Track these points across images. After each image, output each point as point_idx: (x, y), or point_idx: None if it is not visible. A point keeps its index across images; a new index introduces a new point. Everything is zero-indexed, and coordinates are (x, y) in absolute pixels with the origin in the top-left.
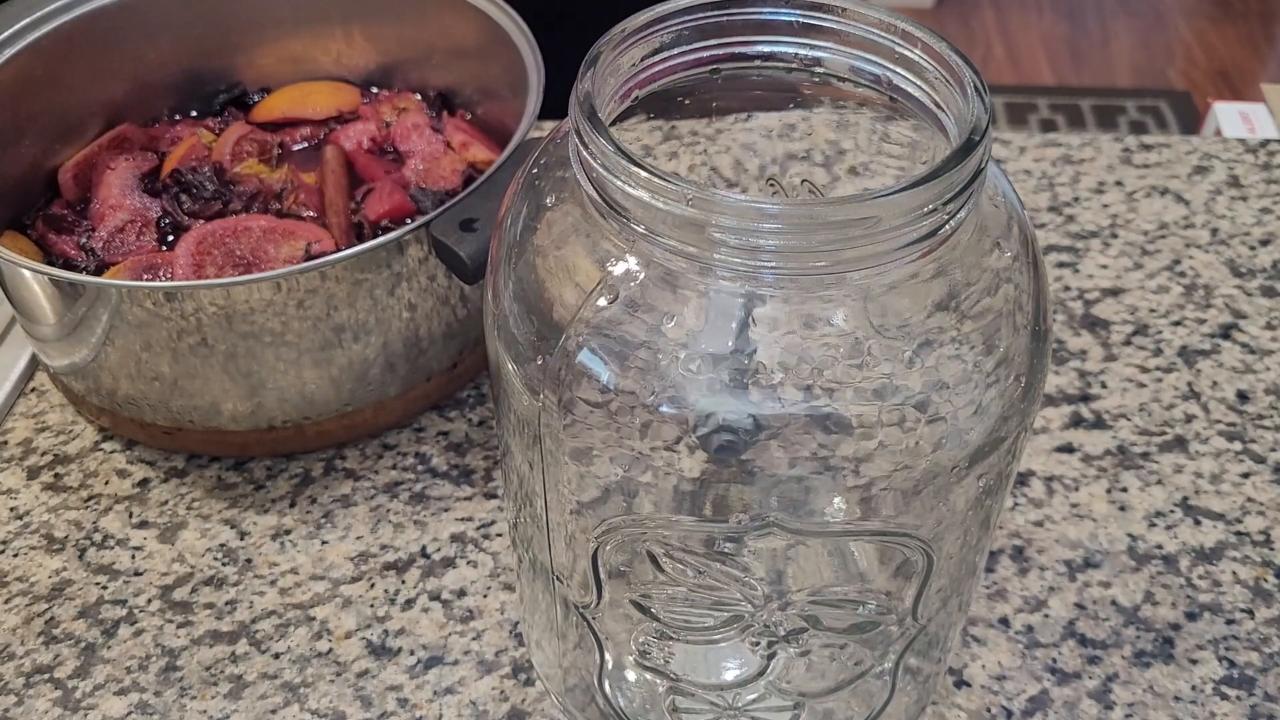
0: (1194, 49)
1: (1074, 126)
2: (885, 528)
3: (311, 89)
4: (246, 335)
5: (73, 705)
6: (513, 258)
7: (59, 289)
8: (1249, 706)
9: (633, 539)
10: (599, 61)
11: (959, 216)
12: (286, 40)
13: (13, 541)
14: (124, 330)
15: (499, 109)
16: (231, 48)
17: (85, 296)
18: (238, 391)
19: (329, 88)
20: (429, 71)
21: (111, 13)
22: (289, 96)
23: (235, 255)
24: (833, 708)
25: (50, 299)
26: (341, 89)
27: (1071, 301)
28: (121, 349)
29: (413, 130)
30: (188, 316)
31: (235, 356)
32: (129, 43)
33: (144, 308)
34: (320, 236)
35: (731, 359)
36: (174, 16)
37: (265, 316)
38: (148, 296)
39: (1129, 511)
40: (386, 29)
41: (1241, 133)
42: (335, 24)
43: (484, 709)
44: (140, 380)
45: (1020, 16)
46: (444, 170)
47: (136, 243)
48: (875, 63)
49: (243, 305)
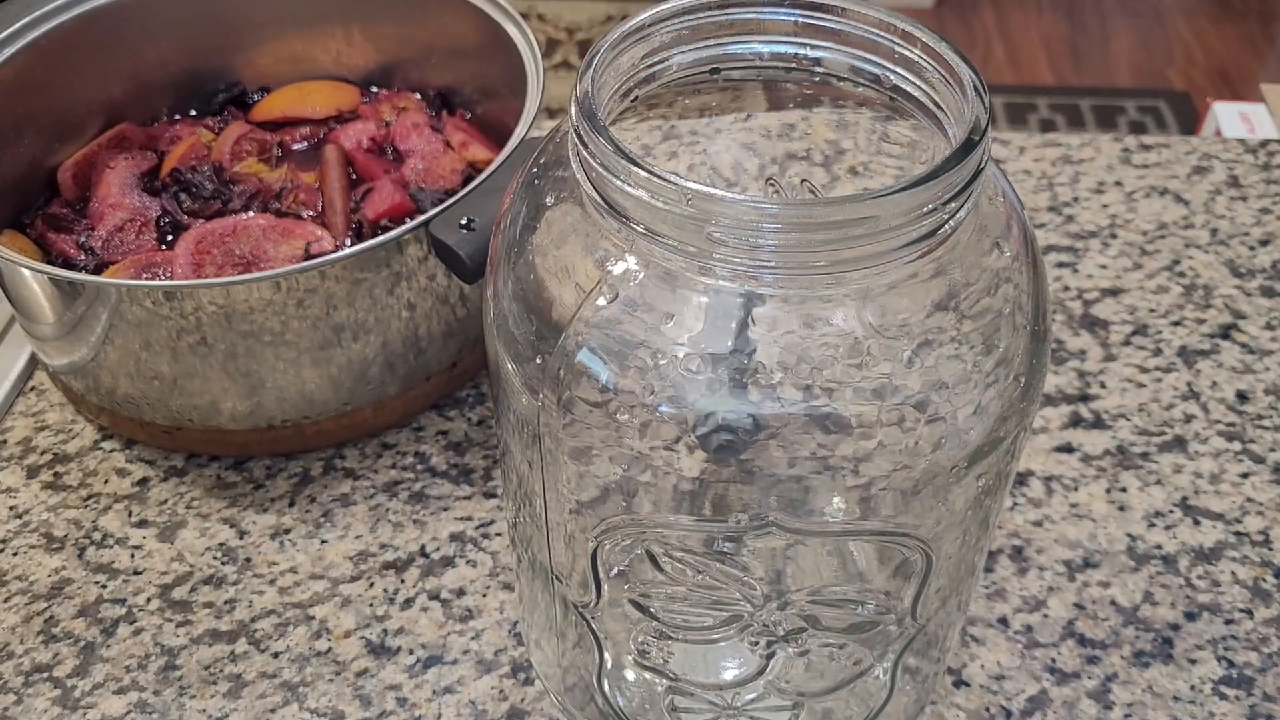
0: (1194, 49)
1: (1074, 126)
2: (884, 527)
3: (311, 88)
4: (246, 334)
5: (72, 704)
6: (512, 257)
7: (58, 288)
8: (1248, 706)
9: (632, 538)
10: (598, 61)
11: (959, 216)
12: (286, 39)
13: (12, 540)
14: (123, 329)
15: (499, 108)
16: (231, 47)
17: (84, 295)
18: (237, 391)
19: (328, 87)
20: (429, 71)
21: (111, 12)
22: (288, 96)
23: (235, 255)
24: (832, 707)
25: (50, 298)
26: (341, 88)
27: (1071, 301)
28: (121, 348)
29: (412, 130)
30: (187, 316)
31: (234, 356)
32: (128, 42)
33: (143, 307)
34: (319, 236)
35: (731, 359)
36: (173, 16)
37: (265, 316)
38: (147, 295)
39: (1128, 511)
40: (387, 28)
41: (1241, 133)
42: (335, 23)
43: (483, 708)
44: (139, 379)
45: (1020, 16)
46: (443, 169)
47: (136, 242)
48: (875, 63)
49: (242, 305)
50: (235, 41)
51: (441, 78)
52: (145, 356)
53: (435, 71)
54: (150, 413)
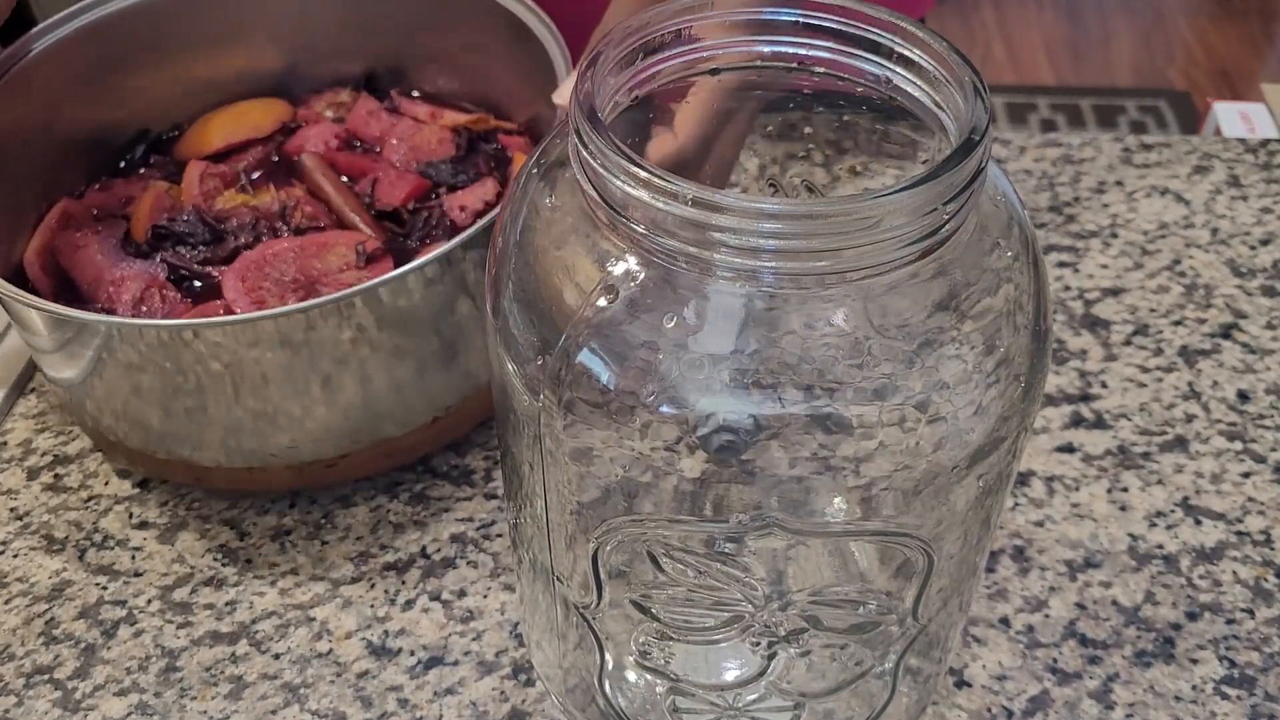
0: (1194, 48)
1: (1074, 126)
2: (885, 528)
3: (241, 109)
4: (342, 359)
5: (72, 706)
6: (512, 257)
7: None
8: (1249, 706)
9: (633, 539)
10: (599, 61)
11: (959, 216)
12: (188, 68)
13: (13, 542)
14: (199, 373)
15: (442, 70)
16: (129, 93)
17: (174, 347)
18: (351, 406)
19: (259, 104)
20: (343, 61)
21: (12, 86)
22: (222, 124)
23: (288, 281)
24: (833, 708)
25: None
26: (270, 102)
27: (1071, 301)
28: (209, 391)
29: (370, 118)
30: (325, 343)
31: (374, 361)
32: (31, 117)
33: (239, 343)
34: (361, 236)
35: (731, 359)
36: (63, 79)
37: (397, 317)
38: (246, 331)
39: (1129, 511)
40: (291, 28)
41: (1241, 132)
42: (237, 39)
43: (484, 709)
44: (261, 417)
45: (1020, 16)
46: (430, 142)
47: (163, 305)
48: (875, 62)
49: (323, 326)
50: (133, 85)
51: (357, 63)
52: (264, 392)
53: (346, 61)
54: (246, 455)
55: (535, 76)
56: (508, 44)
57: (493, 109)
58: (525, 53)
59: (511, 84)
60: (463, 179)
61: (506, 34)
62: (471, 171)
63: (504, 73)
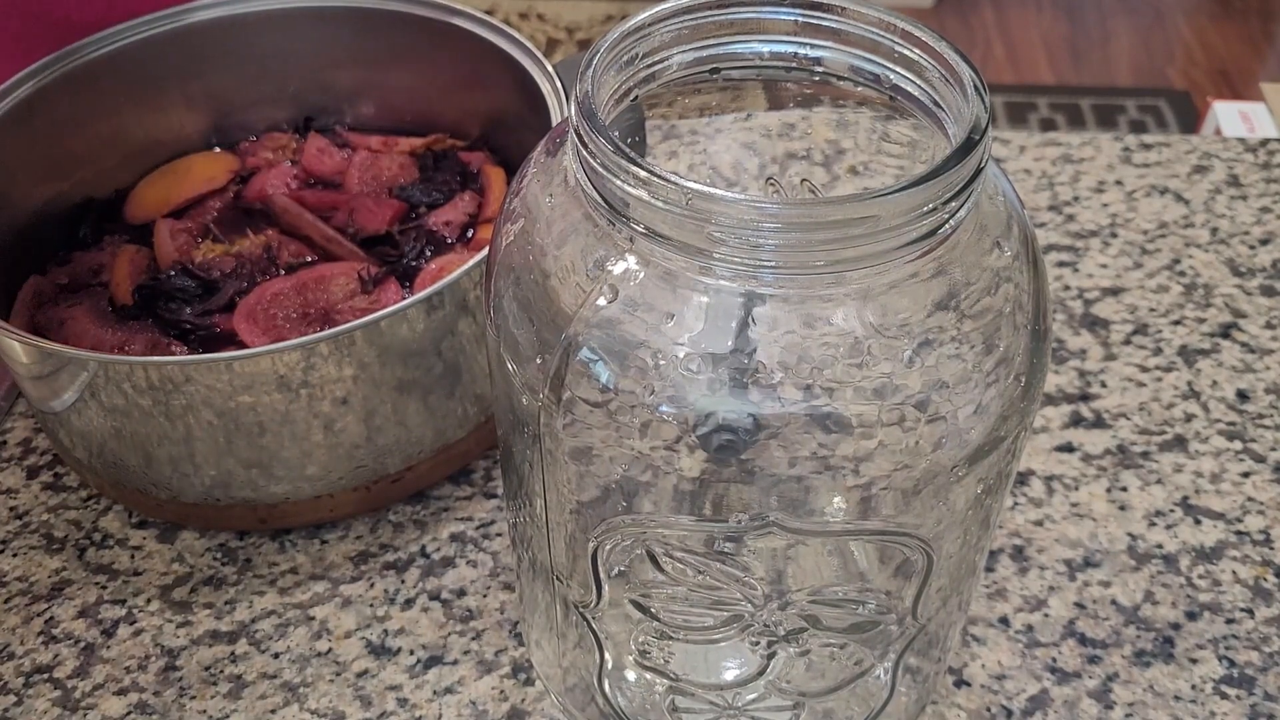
0: (1194, 48)
1: (1074, 125)
2: (885, 527)
3: (186, 165)
4: (380, 384)
5: (72, 705)
6: (512, 257)
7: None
8: (1249, 706)
9: (632, 539)
10: (598, 61)
11: (959, 216)
12: (127, 133)
13: (12, 541)
14: (207, 408)
15: (371, 105)
16: (77, 161)
17: (178, 387)
18: (375, 434)
19: (199, 159)
20: (267, 109)
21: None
22: (172, 182)
23: (295, 317)
24: (832, 707)
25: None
26: (213, 155)
27: (1071, 301)
28: (218, 427)
29: (322, 155)
30: (339, 376)
31: (352, 405)
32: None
33: (235, 376)
34: (358, 265)
35: (731, 358)
36: (13, 152)
37: (408, 344)
38: (248, 366)
39: (1129, 511)
40: (222, 80)
41: (1241, 132)
42: (161, 99)
43: (484, 709)
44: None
45: (1020, 15)
46: (391, 169)
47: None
48: (875, 62)
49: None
50: (72, 154)
51: (283, 109)
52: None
53: (279, 107)
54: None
55: (475, 83)
56: (434, 54)
57: (442, 129)
58: (457, 60)
59: (451, 98)
60: (437, 196)
61: (430, 43)
62: (444, 189)
63: (440, 89)
